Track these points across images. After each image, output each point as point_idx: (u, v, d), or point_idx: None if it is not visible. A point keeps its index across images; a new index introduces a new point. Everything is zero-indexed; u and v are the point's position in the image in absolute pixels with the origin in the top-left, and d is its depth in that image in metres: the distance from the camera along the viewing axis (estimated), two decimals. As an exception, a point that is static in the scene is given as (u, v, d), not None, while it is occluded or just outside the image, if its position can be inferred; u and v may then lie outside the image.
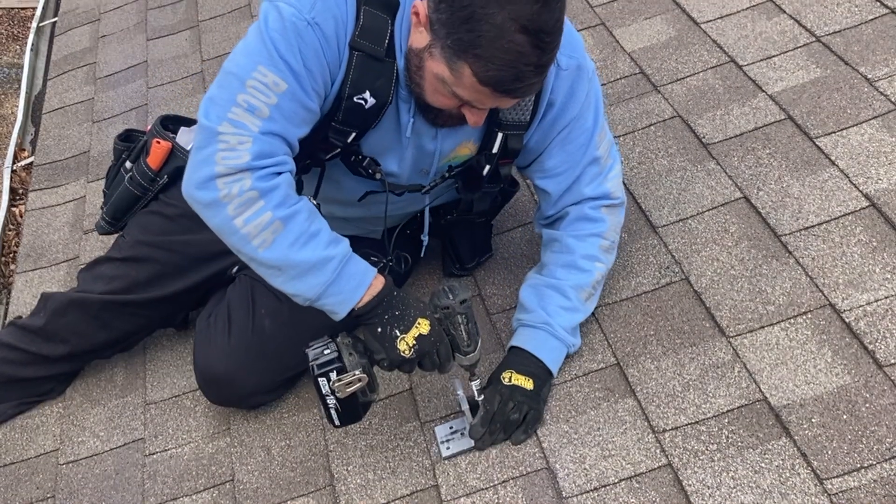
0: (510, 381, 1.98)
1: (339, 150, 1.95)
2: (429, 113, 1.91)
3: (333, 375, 1.80)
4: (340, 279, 1.80)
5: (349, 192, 2.09)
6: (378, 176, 1.99)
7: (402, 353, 1.81)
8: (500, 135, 2.00)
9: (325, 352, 1.82)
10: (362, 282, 1.82)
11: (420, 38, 1.79)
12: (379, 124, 1.93)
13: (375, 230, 2.23)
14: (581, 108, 2.03)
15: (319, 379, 1.81)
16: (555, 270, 2.09)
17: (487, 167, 2.05)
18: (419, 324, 1.81)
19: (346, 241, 1.84)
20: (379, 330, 1.82)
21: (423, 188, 2.08)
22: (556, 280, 2.07)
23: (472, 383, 1.95)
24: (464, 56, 1.70)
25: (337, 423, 1.87)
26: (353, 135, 1.93)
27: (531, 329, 2.05)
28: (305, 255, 1.78)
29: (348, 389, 1.80)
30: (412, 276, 2.41)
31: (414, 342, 1.81)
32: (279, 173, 1.79)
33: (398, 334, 1.81)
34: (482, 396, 1.96)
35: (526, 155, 2.10)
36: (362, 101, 1.86)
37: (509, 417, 1.94)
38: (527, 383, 1.97)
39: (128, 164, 2.35)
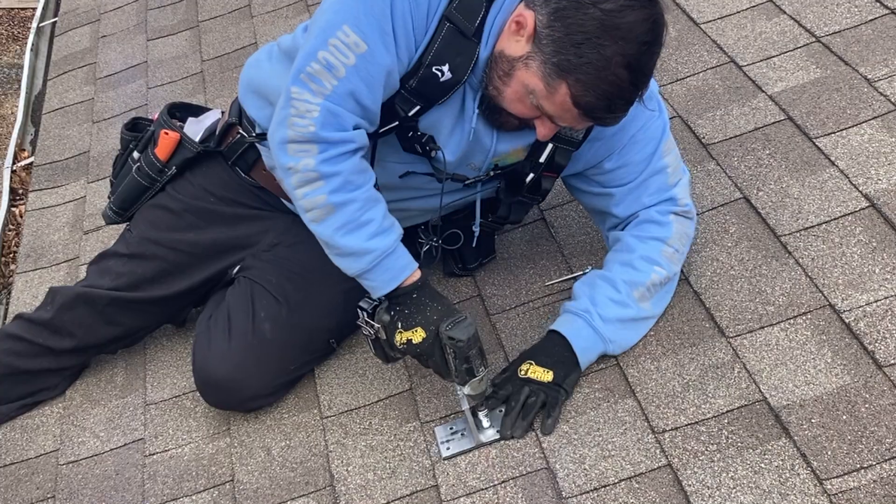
0: (526, 373, 1.99)
1: (397, 122, 1.96)
2: (494, 114, 1.94)
3: (362, 315, 1.98)
4: (376, 270, 1.90)
5: (391, 169, 2.07)
6: (433, 154, 2.00)
7: (394, 343, 1.94)
8: (549, 146, 2.02)
9: (373, 301, 1.98)
10: (396, 276, 1.91)
11: (517, 47, 1.83)
12: (445, 103, 1.95)
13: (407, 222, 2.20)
14: (645, 121, 2.06)
15: (358, 309, 1.99)
16: (611, 266, 2.09)
17: (531, 175, 2.07)
18: (416, 331, 1.91)
19: (395, 236, 1.91)
20: (392, 314, 1.94)
21: (467, 180, 2.08)
22: (610, 273, 2.07)
23: (480, 413, 1.96)
24: (566, 76, 1.78)
25: (372, 351, 2.04)
26: (419, 108, 1.94)
27: (571, 315, 2.04)
28: (348, 241, 1.88)
29: (365, 332, 1.98)
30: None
31: (405, 343, 1.93)
32: (347, 153, 1.84)
33: (399, 328, 1.93)
34: (483, 433, 1.97)
35: (578, 165, 2.10)
36: (439, 73, 1.89)
37: (526, 401, 1.95)
38: (545, 375, 1.97)
39: (135, 155, 2.35)
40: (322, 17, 1.85)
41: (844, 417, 1.78)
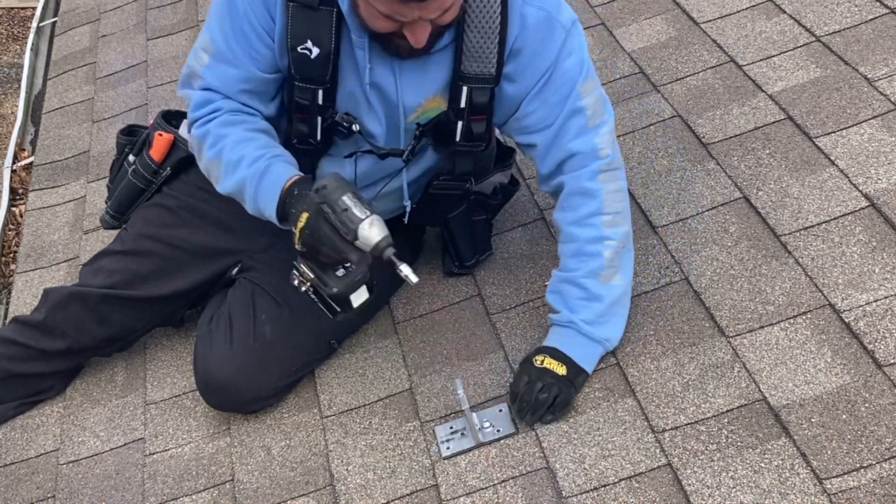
0: (542, 363, 2.00)
1: (312, 113, 2.04)
2: (383, 46, 1.96)
3: (294, 272, 1.97)
4: (259, 195, 1.98)
5: (337, 154, 2.13)
6: (355, 128, 2.04)
7: (297, 248, 1.92)
8: (465, 88, 2.02)
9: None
10: (275, 191, 1.96)
11: None
12: (342, 80, 2.02)
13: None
14: (557, 58, 2.02)
15: (291, 273, 1.98)
16: (566, 262, 2.10)
17: (460, 123, 2.07)
18: (300, 217, 1.89)
19: (265, 159, 1.98)
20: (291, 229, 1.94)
21: (403, 152, 2.10)
22: (569, 273, 2.08)
23: (401, 267, 1.84)
24: None
25: (329, 315, 1.99)
26: (321, 93, 2.01)
27: (559, 328, 2.06)
28: (231, 183, 2.01)
29: (301, 285, 1.96)
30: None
31: (298, 235, 1.89)
32: (212, 118, 2.04)
33: (293, 230, 1.91)
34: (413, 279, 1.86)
35: (503, 111, 2.10)
36: (307, 52, 1.98)
37: (538, 398, 1.95)
38: (559, 368, 1.98)
39: (131, 158, 2.36)
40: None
41: (844, 417, 1.78)
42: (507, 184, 2.34)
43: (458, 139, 2.09)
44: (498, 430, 1.98)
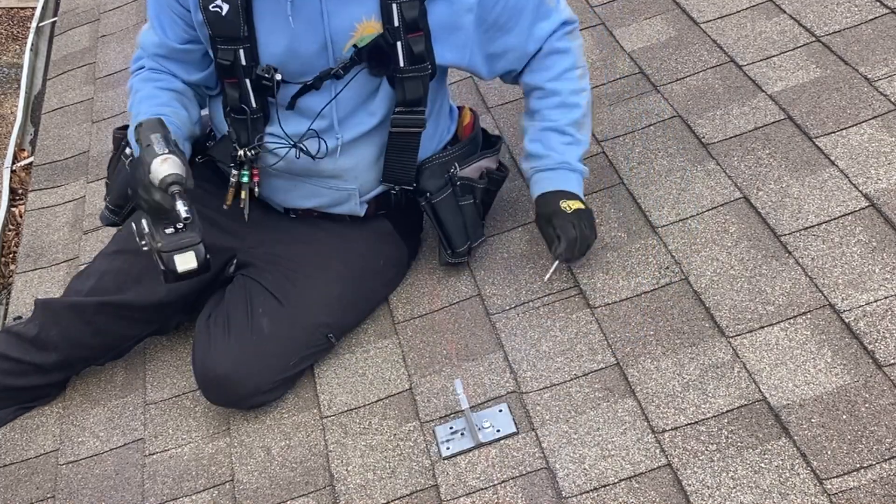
0: (571, 208, 2.16)
1: (238, 75, 2.12)
2: None
3: (133, 227, 2.04)
4: (132, 141, 2.12)
5: (284, 119, 2.18)
6: (278, 77, 2.10)
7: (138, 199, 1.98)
8: (395, 6, 2.06)
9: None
10: (132, 135, 2.08)
11: None
12: (261, 33, 2.09)
13: (341, 184, 2.26)
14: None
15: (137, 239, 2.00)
16: (548, 114, 2.25)
17: (399, 44, 2.09)
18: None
19: (148, 105, 2.16)
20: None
21: (333, 70, 2.11)
22: (553, 122, 2.24)
23: (177, 203, 1.90)
24: None
25: (163, 280, 1.99)
26: (241, 52, 2.10)
27: (550, 171, 2.23)
28: (129, 136, 2.17)
29: (140, 241, 1.99)
30: (411, 270, 2.41)
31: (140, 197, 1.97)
32: (137, 71, 2.28)
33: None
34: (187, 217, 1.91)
35: (459, 44, 2.15)
36: (218, 9, 2.08)
37: (587, 236, 2.17)
38: (581, 205, 2.19)
39: (128, 151, 2.36)
40: None
41: (844, 417, 1.78)
42: (494, 169, 2.35)
43: (402, 63, 2.11)
44: (498, 431, 1.97)
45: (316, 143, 2.17)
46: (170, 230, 1.92)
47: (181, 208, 1.87)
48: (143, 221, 1.96)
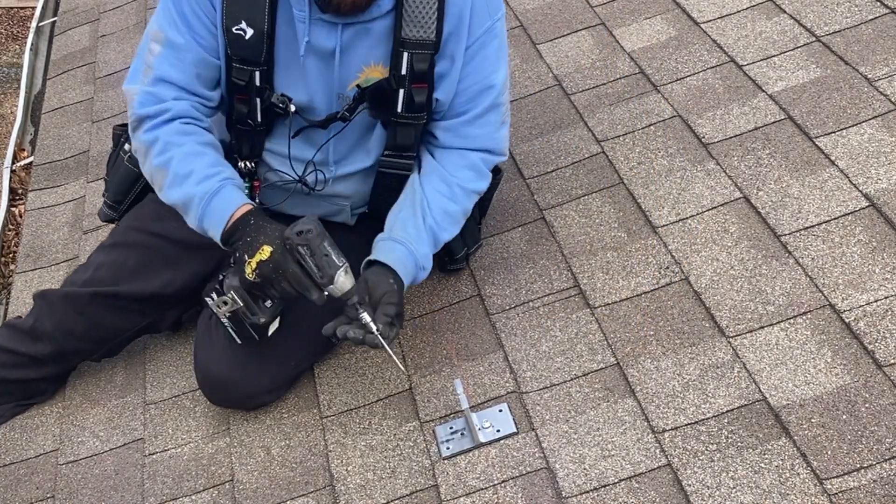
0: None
1: (250, 94, 2.09)
2: (322, 5, 2.01)
3: (214, 296, 2.02)
4: (207, 214, 2.02)
5: (281, 135, 2.17)
6: (291, 108, 2.10)
7: (247, 276, 1.95)
8: (406, 54, 2.06)
9: (219, 278, 2.05)
10: (226, 211, 2.00)
11: None
12: (278, 61, 2.08)
13: (336, 200, 2.27)
14: (484, 36, 2.11)
15: (206, 299, 2.04)
16: (435, 203, 2.16)
17: (401, 92, 2.09)
18: (262, 250, 1.94)
19: (218, 179, 2.03)
20: (237, 254, 1.98)
21: (339, 114, 2.12)
22: (432, 221, 2.14)
23: (362, 315, 1.95)
24: None
25: (238, 340, 2.09)
26: (258, 74, 2.07)
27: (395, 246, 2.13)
28: (177, 195, 2.05)
29: (223, 309, 2.02)
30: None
31: (256, 269, 1.94)
32: (163, 121, 2.06)
33: (245, 258, 1.95)
34: (377, 327, 1.95)
35: (444, 89, 2.13)
36: (241, 32, 2.04)
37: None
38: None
39: (126, 147, 2.37)
40: None
41: (844, 417, 1.78)
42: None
43: (399, 109, 2.12)
44: (498, 430, 1.97)
45: (313, 175, 2.21)
46: (268, 303, 2.03)
47: (367, 319, 1.95)
48: (235, 293, 2.00)
